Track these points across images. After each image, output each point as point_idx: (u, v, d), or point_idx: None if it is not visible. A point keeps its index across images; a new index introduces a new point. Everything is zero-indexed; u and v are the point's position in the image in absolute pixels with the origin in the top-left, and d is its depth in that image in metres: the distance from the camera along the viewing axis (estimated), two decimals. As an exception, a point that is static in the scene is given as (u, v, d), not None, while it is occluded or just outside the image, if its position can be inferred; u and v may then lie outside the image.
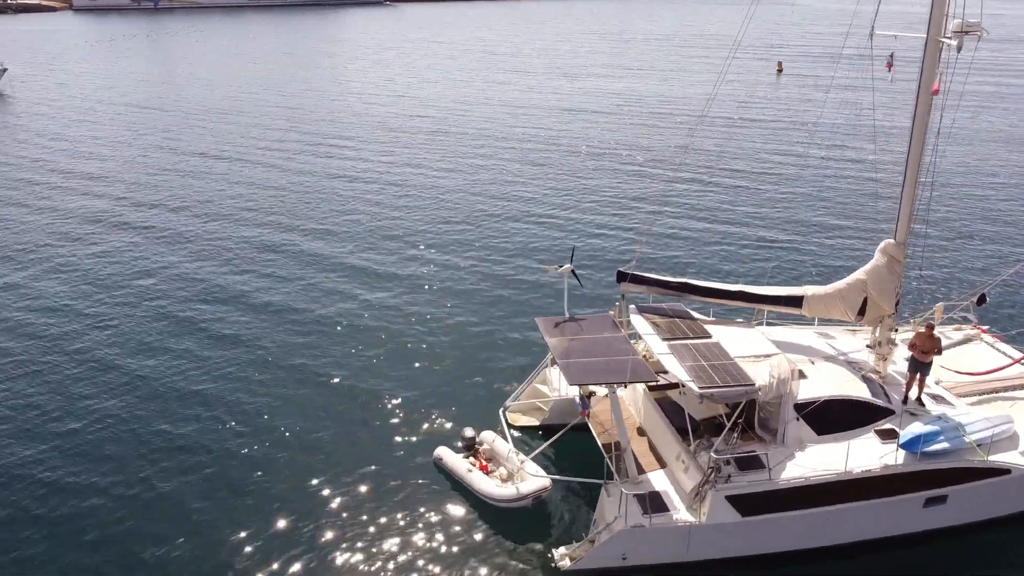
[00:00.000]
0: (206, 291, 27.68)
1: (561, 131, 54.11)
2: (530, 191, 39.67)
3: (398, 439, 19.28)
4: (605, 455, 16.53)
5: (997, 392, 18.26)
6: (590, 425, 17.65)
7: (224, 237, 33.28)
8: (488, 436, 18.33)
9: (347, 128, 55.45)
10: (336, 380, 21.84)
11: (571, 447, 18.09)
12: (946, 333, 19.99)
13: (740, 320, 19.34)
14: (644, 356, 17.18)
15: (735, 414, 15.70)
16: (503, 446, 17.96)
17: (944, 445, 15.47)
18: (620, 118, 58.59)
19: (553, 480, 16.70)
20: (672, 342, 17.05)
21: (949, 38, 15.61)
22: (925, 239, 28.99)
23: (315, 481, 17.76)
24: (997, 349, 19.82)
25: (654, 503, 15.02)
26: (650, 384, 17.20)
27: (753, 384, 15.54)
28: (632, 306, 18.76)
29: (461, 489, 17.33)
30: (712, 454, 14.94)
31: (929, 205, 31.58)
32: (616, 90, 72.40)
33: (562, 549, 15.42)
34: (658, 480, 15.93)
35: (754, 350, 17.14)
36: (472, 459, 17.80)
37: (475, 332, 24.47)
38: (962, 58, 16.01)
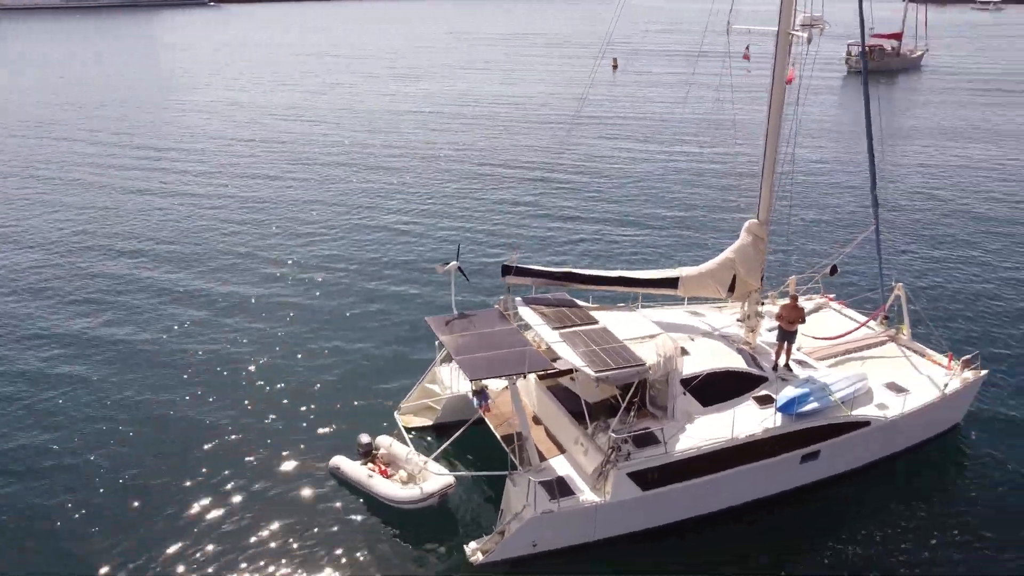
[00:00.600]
0: (36, 333, 24.56)
1: (410, 134, 53.95)
2: (389, 197, 39.26)
3: (289, 453, 18.59)
4: (506, 447, 16.71)
5: (849, 353, 20.01)
6: (487, 419, 17.76)
7: (51, 266, 30.21)
8: (384, 440, 18.04)
9: (181, 140, 52.42)
10: (219, 404, 20.75)
11: (469, 443, 18.12)
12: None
13: (622, 304, 20.11)
14: (537, 346, 17.48)
15: (629, 394, 16.31)
16: (401, 449, 17.74)
17: (815, 405, 16.81)
18: (470, 119, 59.19)
19: (456, 477, 16.67)
20: (562, 330, 17.47)
21: (798, 31, 16.99)
22: (789, 218, 31.52)
23: (205, 503, 16.81)
24: (844, 315, 21.71)
25: (560, 488, 15.34)
26: (542, 373, 17.53)
27: (644, 364, 16.21)
28: (518, 299, 19.03)
29: (363, 496, 16.96)
30: (611, 434, 15.45)
31: (792, 188, 34.26)
32: (461, 90, 73.08)
33: (473, 544, 15.45)
34: (560, 465, 16.28)
35: (639, 332, 17.88)
36: (371, 465, 17.46)
37: (358, 340, 23.96)
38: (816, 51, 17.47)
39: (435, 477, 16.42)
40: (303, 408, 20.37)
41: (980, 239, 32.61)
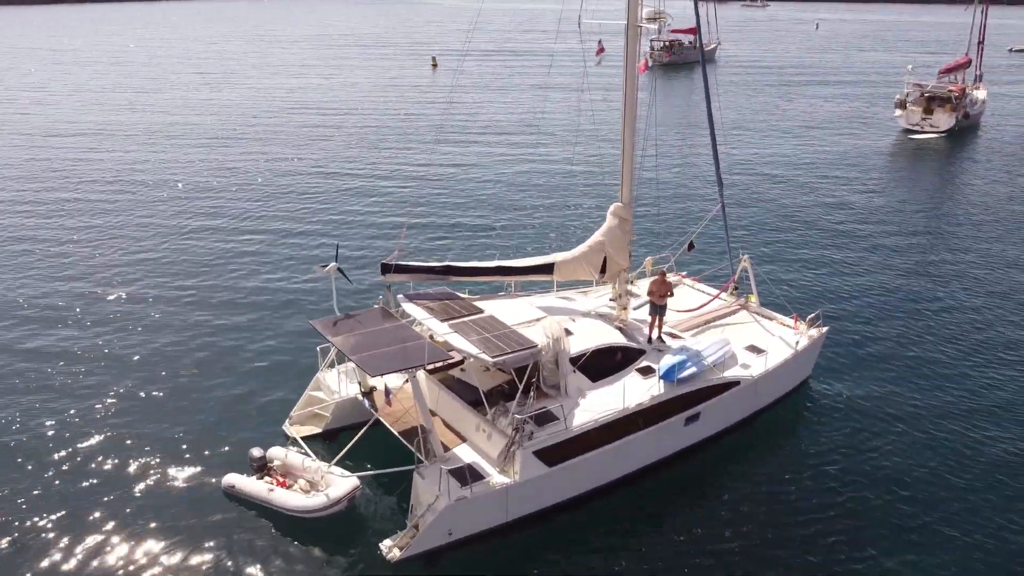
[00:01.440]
0: None
1: (239, 139, 51.71)
2: (246, 210, 37.57)
3: (176, 475, 17.56)
4: (406, 442, 16.70)
5: (708, 324, 21.65)
6: (380, 418, 17.65)
7: None
8: (278, 452, 17.44)
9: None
10: (97, 428, 19.11)
11: (365, 445, 17.80)
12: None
13: (501, 293, 20.60)
14: (428, 339, 17.58)
15: (525, 376, 16.82)
16: (296, 458, 17.23)
17: (693, 370, 18.14)
18: (313, 124, 57.59)
19: (361, 478, 16.45)
20: (451, 321, 17.68)
21: (643, 23, 18.20)
22: (656, 200, 33.31)
23: (94, 541, 15.53)
24: (697, 289, 23.43)
25: (470, 474, 15.57)
26: (431, 367, 17.60)
27: (536, 346, 16.80)
28: (400, 296, 19.02)
29: (263, 511, 16.34)
30: (514, 415, 15.88)
31: (657, 172, 36.21)
32: (279, 93, 70.74)
33: (387, 542, 15.36)
34: (464, 453, 16.50)
35: (524, 317, 18.47)
36: (267, 478, 16.85)
37: (235, 353, 22.88)
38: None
39: (339, 481, 16.14)
40: (183, 428, 19.26)
41: (805, 210, 36.24)
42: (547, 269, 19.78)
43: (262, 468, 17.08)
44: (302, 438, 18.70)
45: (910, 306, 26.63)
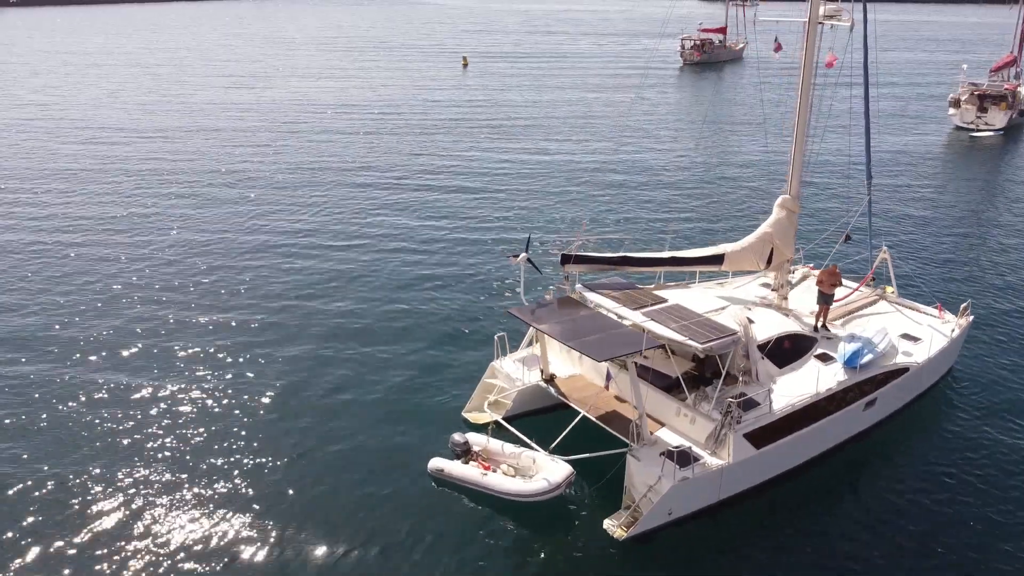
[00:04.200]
0: None
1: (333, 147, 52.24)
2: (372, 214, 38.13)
3: (380, 463, 18.07)
4: (607, 427, 17.23)
5: (853, 313, 22.22)
6: (573, 404, 18.18)
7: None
8: (479, 438, 17.98)
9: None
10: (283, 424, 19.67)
11: (551, 429, 18.35)
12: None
13: (670, 284, 21.19)
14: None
15: (727, 362, 17.41)
16: (496, 444, 17.77)
17: (870, 357, 18.73)
18: (390, 123, 58.15)
19: (571, 462, 16.95)
20: (643, 310, 18.24)
21: (822, 22, 18.82)
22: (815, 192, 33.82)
23: (323, 531, 16.09)
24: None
25: (683, 457, 16.12)
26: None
27: (736, 333, 17.38)
28: (579, 285, 19.58)
29: (474, 496, 16.85)
30: (729, 399, 16.44)
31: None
32: (340, 99, 71.17)
33: (609, 522, 15.94)
34: (669, 437, 17.05)
35: (709, 305, 19.05)
36: (473, 463, 17.39)
37: (401, 350, 23.38)
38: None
39: (552, 466, 16.62)
40: (373, 419, 19.83)
41: (933, 206, 37.02)
42: (717, 260, 20.33)
43: (467, 452, 17.60)
44: (486, 424, 19.26)
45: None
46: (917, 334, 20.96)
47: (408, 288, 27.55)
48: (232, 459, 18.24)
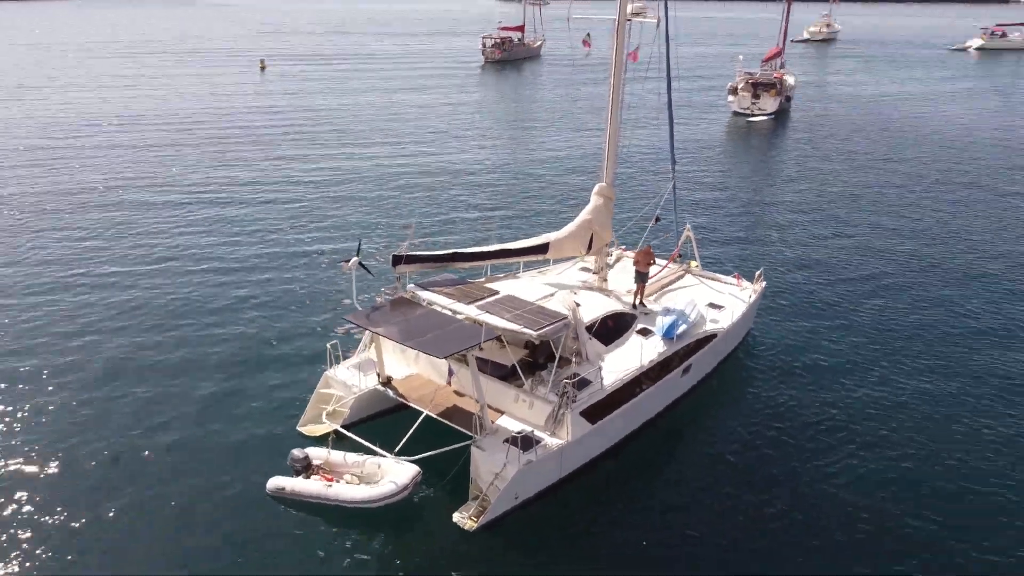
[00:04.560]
0: None
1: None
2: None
3: (214, 486, 17.10)
4: (449, 422, 17.41)
5: (665, 288, 23.88)
6: (413, 404, 18.19)
7: None
8: (319, 452, 17.52)
9: None
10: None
11: (391, 430, 18.28)
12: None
13: (500, 275, 21.67)
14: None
15: (560, 346, 18.11)
16: (338, 455, 17.42)
17: (684, 327, 20.22)
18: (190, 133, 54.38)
19: (415, 462, 16.92)
20: (478, 303, 18.57)
21: (630, 19, 20.01)
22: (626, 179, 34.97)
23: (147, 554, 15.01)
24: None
25: (526, 441, 16.62)
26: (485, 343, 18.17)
27: (567, 317, 18.14)
28: (411, 286, 19.59)
29: (320, 510, 16.38)
30: (564, 381, 17.12)
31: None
32: (123, 110, 66.04)
33: (458, 515, 16.12)
34: (510, 424, 17.50)
35: (537, 294, 19.71)
36: (315, 477, 16.96)
37: (230, 366, 22.15)
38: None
39: (401, 469, 16.52)
40: (207, 433, 18.70)
41: (724, 186, 39.86)
42: (542, 249, 21.04)
43: (308, 467, 17.12)
44: (322, 436, 18.86)
45: (801, 260, 30.58)
46: (720, 302, 22.86)
47: (226, 311, 25.81)
48: (50, 519, 16.59)
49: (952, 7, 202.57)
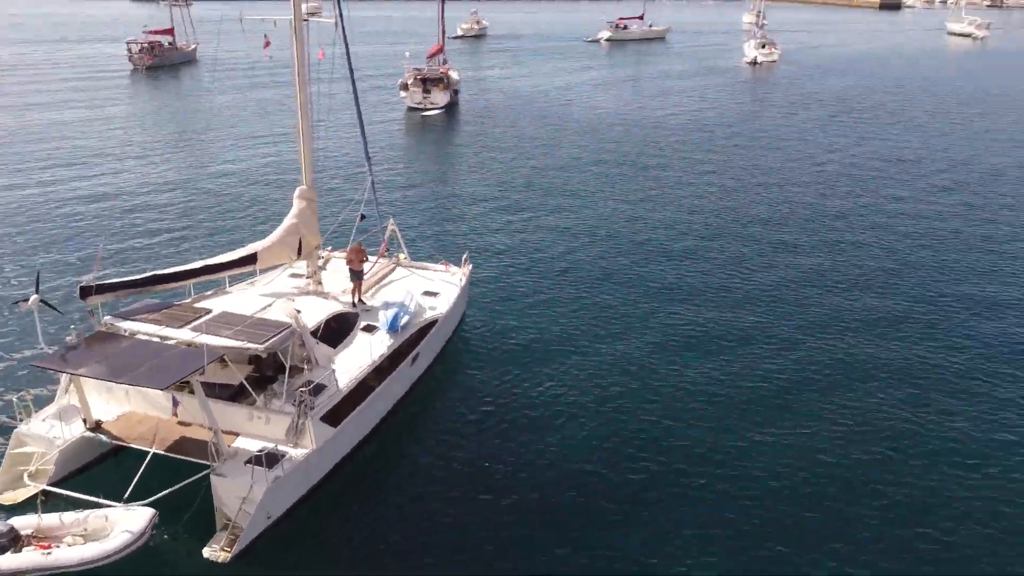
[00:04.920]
0: None
1: None
2: None
3: None
4: (180, 456, 16.28)
5: (379, 283, 24.29)
6: (132, 444, 16.70)
7: None
8: (27, 520, 15.31)
9: None
10: None
11: (107, 478, 16.68)
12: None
13: (209, 292, 20.41)
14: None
15: (289, 355, 17.67)
16: (52, 518, 15.39)
17: (407, 318, 20.87)
18: None
19: (152, 503, 15.57)
20: (190, 326, 17.42)
21: (307, 19, 19.87)
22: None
23: None
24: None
25: (271, 458, 16.10)
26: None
27: (291, 325, 17.76)
28: (107, 317, 17.79)
29: (43, 583, 14.47)
30: (300, 391, 16.77)
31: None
32: None
33: (209, 549, 15.25)
34: (248, 444, 16.78)
35: (253, 307, 18.98)
36: (31, 548, 14.84)
37: None
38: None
39: (133, 515, 15.08)
40: None
41: (415, 179, 40.25)
42: (251, 259, 20.26)
43: (16, 540, 14.89)
44: (24, 501, 16.59)
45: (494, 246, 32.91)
46: (435, 289, 23.87)
47: None
48: None
49: (583, 3, 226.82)
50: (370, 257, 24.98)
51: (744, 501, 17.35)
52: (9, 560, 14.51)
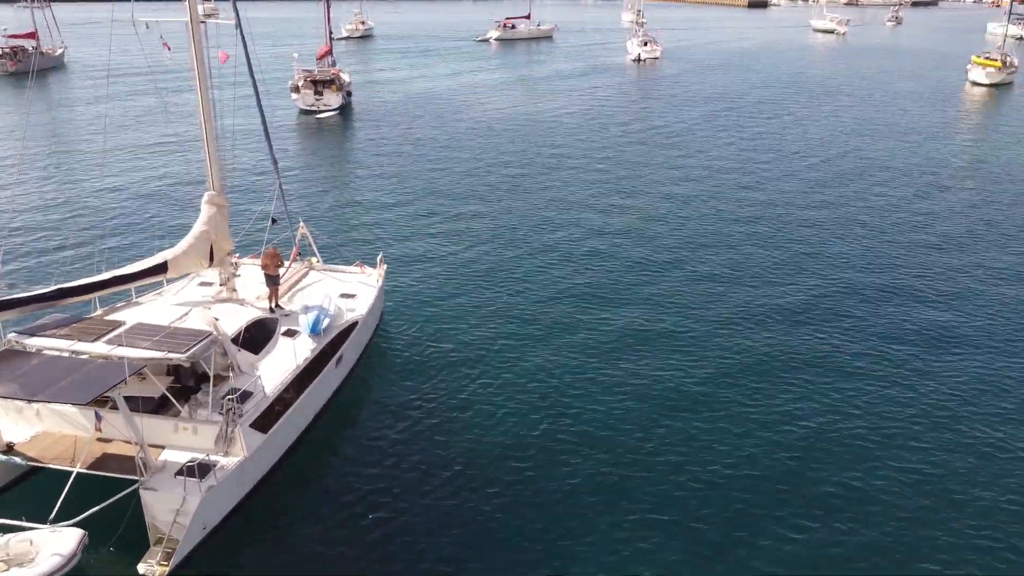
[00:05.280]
0: None
1: None
2: None
3: None
4: (105, 473, 15.76)
5: (293, 287, 23.99)
6: (46, 464, 16.04)
7: None
8: (-66, 554, 14.49)
9: None
10: None
11: (17, 502, 15.98)
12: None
13: (119, 303, 19.70)
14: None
15: (212, 364, 17.34)
16: (-33, 550, 14.64)
17: (328, 321, 20.79)
18: None
19: (79, 523, 14.99)
20: (105, 339, 16.83)
21: (205, 20, 19.43)
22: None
23: None
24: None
25: (202, 467, 15.82)
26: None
27: (212, 333, 17.44)
28: (12, 335, 16.96)
29: (-39, 617, 13.75)
30: (227, 398, 16.52)
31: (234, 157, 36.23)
32: None
33: (144, 566, 14.87)
34: (176, 456, 16.39)
35: (167, 317, 18.51)
36: (-55, 580, 14.06)
37: None
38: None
39: (60, 537, 14.49)
40: None
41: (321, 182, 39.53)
42: (161, 268, 19.69)
43: (-73, 578, 14.12)
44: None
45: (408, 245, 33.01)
46: (352, 291, 23.80)
47: None
48: None
49: (464, 4, 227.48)
50: (284, 262, 24.72)
51: (679, 494, 17.74)
52: (-75, 597, 13.74)
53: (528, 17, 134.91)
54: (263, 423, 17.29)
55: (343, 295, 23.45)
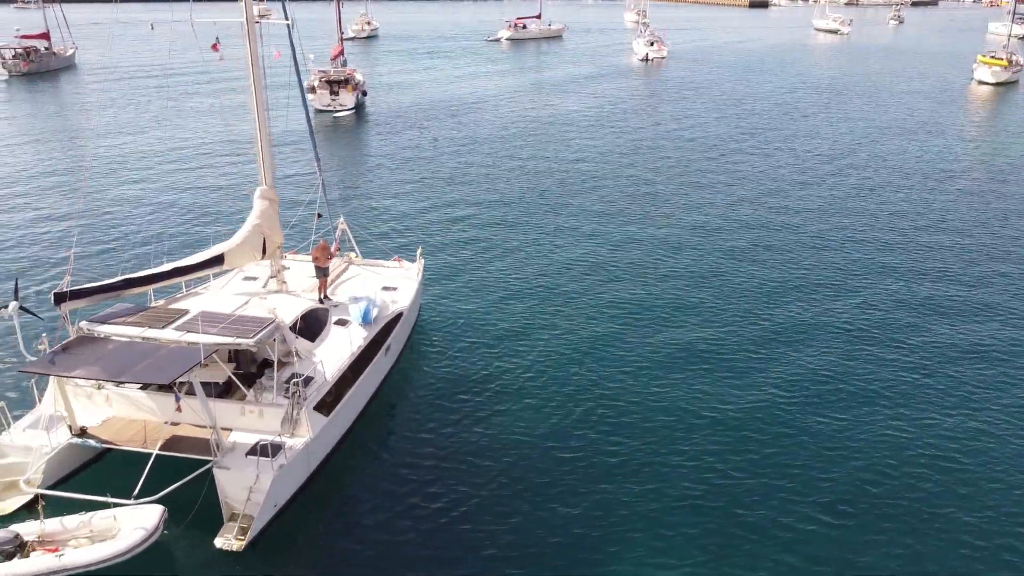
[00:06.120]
0: None
1: None
2: None
3: None
4: (180, 454, 16.44)
5: (336, 281, 24.69)
6: (123, 447, 16.76)
7: None
8: (28, 526, 15.20)
9: None
10: None
11: (93, 482, 16.69)
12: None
13: (179, 294, 20.42)
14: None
15: (276, 350, 18.07)
16: (54, 523, 15.33)
17: (376, 311, 21.53)
18: None
19: (160, 499, 15.69)
20: (173, 326, 17.55)
21: (259, 21, 20.14)
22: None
23: None
24: (302, 260, 26.07)
25: (273, 448, 16.50)
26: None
27: (274, 319, 18.17)
28: (83, 323, 17.67)
29: (52, 587, 14.42)
30: (294, 382, 17.22)
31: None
32: None
33: (221, 540, 15.57)
34: (245, 438, 17.09)
35: (229, 305, 19.23)
36: (35, 553, 14.76)
37: None
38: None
39: (143, 513, 15.22)
40: None
41: (352, 178, 40.29)
42: (218, 260, 20.38)
43: (22, 546, 14.80)
44: (15, 511, 16.39)
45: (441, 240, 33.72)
46: (393, 284, 24.50)
47: None
48: None
49: (465, 4, 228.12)
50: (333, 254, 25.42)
51: (716, 480, 18.21)
52: (22, 565, 14.44)
53: (539, 17, 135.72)
54: (325, 406, 18.01)
55: (384, 288, 24.14)
